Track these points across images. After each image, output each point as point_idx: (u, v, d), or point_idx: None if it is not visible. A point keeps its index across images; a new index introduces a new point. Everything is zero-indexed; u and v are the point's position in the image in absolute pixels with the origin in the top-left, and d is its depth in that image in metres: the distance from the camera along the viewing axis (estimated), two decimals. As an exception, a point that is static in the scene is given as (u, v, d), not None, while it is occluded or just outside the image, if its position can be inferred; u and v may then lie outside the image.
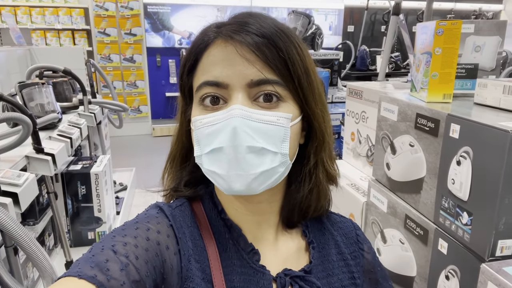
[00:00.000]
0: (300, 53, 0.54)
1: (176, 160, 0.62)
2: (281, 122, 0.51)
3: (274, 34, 0.52)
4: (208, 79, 0.51)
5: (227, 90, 0.51)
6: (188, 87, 0.57)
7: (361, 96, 1.37)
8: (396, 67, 4.83)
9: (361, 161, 1.40)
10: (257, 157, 0.50)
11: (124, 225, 0.51)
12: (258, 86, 0.51)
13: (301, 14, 2.46)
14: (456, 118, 0.75)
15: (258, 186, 0.51)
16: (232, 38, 0.51)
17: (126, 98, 5.15)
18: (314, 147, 0.58)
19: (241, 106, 0.50)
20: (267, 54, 0.50)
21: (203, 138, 0.52)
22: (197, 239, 0.55)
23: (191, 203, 0.60)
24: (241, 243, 0.57)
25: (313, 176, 0.59)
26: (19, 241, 0.84)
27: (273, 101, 0.52)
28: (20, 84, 1.71)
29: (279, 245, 0.60)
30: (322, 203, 0.62)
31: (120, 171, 3.21)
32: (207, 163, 0.52)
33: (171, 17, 5.21)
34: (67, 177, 1.95)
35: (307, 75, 0.54)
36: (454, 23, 0.83)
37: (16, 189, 1.07)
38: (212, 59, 0.52)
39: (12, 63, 2.37)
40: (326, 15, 5.80)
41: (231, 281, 0.53)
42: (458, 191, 0.74)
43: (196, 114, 0.53)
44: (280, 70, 0.51)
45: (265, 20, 0.53)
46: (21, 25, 4.44)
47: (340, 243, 0.65)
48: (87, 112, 2.21)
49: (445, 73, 0.87)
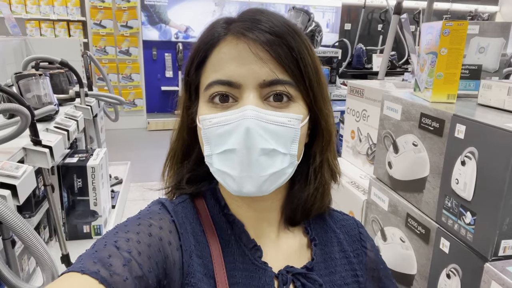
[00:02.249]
0: (310, 52, 0.54)
1: (177, 156, 0.61)
2: (292, 123, 0.51)
3: (286, 33, 0.51)
4: (221, 78, 0.50)
5: (239, 90, 0.51)
6: (195, 84, 0.56)
7: (362, 94, 1.37)
8: (392, 66, 4.85)
9: (361, 159, 1.40)
10: (268, 159, 0.50)
11: (127, 221, 0.51)
12: (270, 86, 0.50)
13: (301, 11, 2.45)
14: (461, 118, 0.75)
15: (268, 187, 0.51)
16: (244, 36, 0.50)
17: (121, 91, 5.11)
18: (320, 146, 0.58)
19: (253, 107, 0.49)
20: (280, 53, 0.50)
21: (213, 138, 0.51)
22: (199, 235, 0.55)
23: (193, 199, 0.60)
24: (243, 239, 0.57)
25: (319, 175, 0.59)
26: (19, 233, 0.84)
27: (284, 101, 0.51)
28: (17, 75, 1.69)
29: (281, 242, 0.60)
30: (325, 201, 0.62)
31: (115, 164, 3.19)
32: (218, 163, 0.52)
33: (168, 10, 5.16)
34: (63, 170, 1.94)
35: (316, 74, 0.54)
36: (460, 24, 0.84)
37: (15, 181, 1.06)
38: (223, 57, 0.51)
39: (8, 54, 2.33)
40: (323, 12, 5.79)
41: (233, 277, 0.53)
42: (462, 191, 0.75)
43: (205, 112, 0.52)
44: (292, 70, 0.51)
45: (276, 18, 0.52)
46: (16, 15, 4.37)
47: (342, 241, 0.65)
48: (83, 105, 2.19)
49: (450, 73, 0.87)
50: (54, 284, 0.41)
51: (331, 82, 2.38)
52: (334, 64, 2.44)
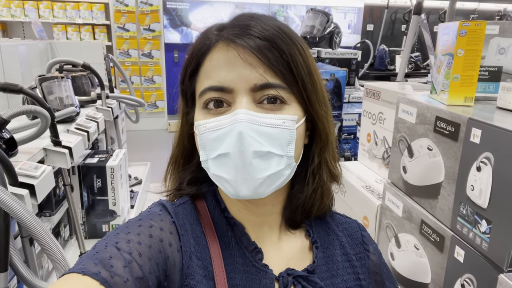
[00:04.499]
0: (302, 54, 0.53)
1: (178, 162, 0.62)
2: (287, 124, 0.51)
3: (277, 36, 0.51)
4: (213, 84, 0.51)
5: (231, 95, 0.51)
6: (191, 91, 0.57)
7: (378, 96, 1.34)
8: (416, 68, 4.73)
9: (376, 163, 1.37)
10: (264, 161, 0.49)
11: (128, 222, 0.52)
12: (262, 90, 0.51)
13: (320, 12, 2.43)
14: (477, 122, 0.72)
15: (264, 190, 0.51)
16: (234, 42, 0.51)
17: (144, 93, 5.21)
18: (318, 148, 0.58)
19: (245, 110, 0.49)
20: (270, 57, 0.50)
21: (208, 143, 0.52)
22: (199, 236, 0.55)
23: (194, 201, 0.60)
24: (244, 242, 0.57)
25: (317, 176, 0.59)
26: (34, 233, 0.86)
27: (277, 103, 0.52)
28: (40, 78, 1.74)
29: (282, 244, 0.60)
30: (325, 202, 0.62)
31: (135, 165, 3.25)
32: (214, 168, 0.52)
33: (190, 13, 5.23)
34: (84, 170, 1.98)
35: (310, 76, 0.54)
36: (478, 24, 0.80)
37: (33, 181, 1.09)
38: (215, 64, 0.52)
39: (34, 57, 2.41)
40: (345, 13, 5.73)
41: (233, 279, 0.53)
42: (477, 198, 0.72)
43: (200, 118, 0.53)
44: (283, 73, 0.51)
45: (267, 22, 0.52)
46: (43, 19, 4.53)
47: (345, 243, 0.64)
48: (104, 106, 2.24)
49: (467, 75, 0.84)
50: (55, 285, 0.41)
51: (349, 84, 2.35)
52: (353, 66, 2.40)
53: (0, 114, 1.14)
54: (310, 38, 2.42)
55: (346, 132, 2.06)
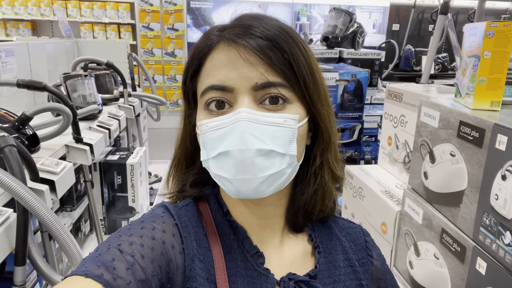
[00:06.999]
0: (304, 54, 0.53)
1: (181, 164, 0.62)
2: (289, 123, 0.51)
3: (278, 36, 0.51)
4: (213, 83, 0.51)
5: (232, 94, 0.51)
6: (192, 92, 0.57)
7: (400, 99, 1.30)
8: (443, 69, 4.59)
9: (397, 167, 1.34)
10: (266, 160, 0.49)
11: (130, 224, 0.52)
12: (263, 89, 0.51)
13: (342, 12, 2.39)
14: (503, 128, 0.69)
15: (266, 189, 0.51)
16: (235, 42, 0.51)
17: (166, 91, 5.27)
18: (320, 148, 0.57)
19: (247, 109, 0.49)
20: (271, 56, 0.50)
21: (209, 142, 0.52)
22: (202, 239, 0.55)
23: (197, 203, 0.60)
24: (246, 245, 0.57)
25: (318, 177, 0.58)
26: (51, 228, 0.87)
27: (279, 103, 0.51)
28: (65, 75, 1.79)
29: (284, 248, 0.60)
30: (326, 204, 0.61)
31: (156, 162, 3.29)
32: (214, 167, 0.52)
33: (213, 13, 5.26)
34: (105, 167, 2.02)
35: (312, 75, 0.54)
36: (506, 25, 0.76)
37: (54, 177, 1.12)
38: (216, 64, 0.52)
39: (60, 55, 2.48)
40: (370, 12, 5.62)
41: (234, 282, 0.53)
42: (501, 208, 0.68)
43: (202, 118, 0.53)
44: (284, 72, 0.51)
45: (268, 22, 0.53)
46: (71, 18, 4.65)
47: (348, 249, 0.63)
48: (126, 105, 2.28)
49: (494, 78, 0.80)
50: (58, 287, 0.41)
51: (371, 85, 2.29)
52: (376, 66, 2.35)
53: (24, 111, 1.17)
54: (332, 38, 2.38)
55: (367, 135, 2.01)
